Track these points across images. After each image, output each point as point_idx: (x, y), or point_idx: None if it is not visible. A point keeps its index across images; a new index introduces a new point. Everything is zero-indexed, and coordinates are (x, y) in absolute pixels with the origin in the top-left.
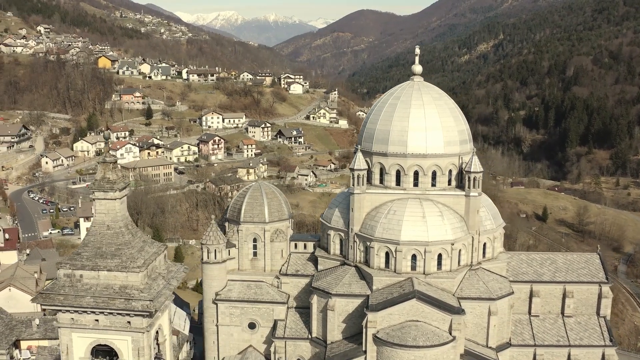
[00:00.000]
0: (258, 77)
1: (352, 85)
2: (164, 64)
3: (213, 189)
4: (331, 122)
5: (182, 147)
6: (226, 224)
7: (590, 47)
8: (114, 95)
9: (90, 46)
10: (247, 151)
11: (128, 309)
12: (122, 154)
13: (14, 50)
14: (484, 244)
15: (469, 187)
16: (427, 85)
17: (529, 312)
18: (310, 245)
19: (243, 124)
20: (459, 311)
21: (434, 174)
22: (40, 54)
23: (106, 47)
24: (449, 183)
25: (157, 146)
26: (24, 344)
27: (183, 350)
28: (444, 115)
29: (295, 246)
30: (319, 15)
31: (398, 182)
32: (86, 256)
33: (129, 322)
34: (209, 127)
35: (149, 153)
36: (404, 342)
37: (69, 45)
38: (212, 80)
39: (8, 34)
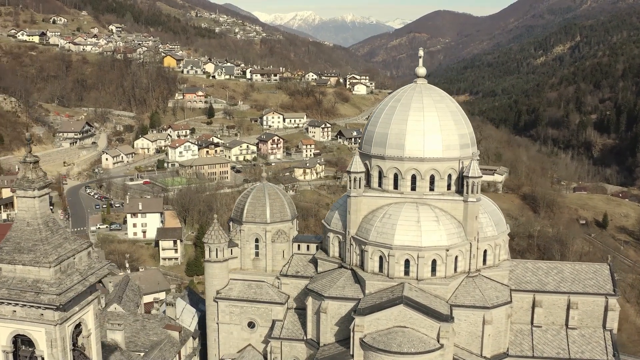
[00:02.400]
0: (323, 78)
1: None
2: (228, 64)
3: None
4: None
5: (241, 146)
6: (230, 224)
7: None
8: (177, 94)
9: (160, 45)
10: (306, 151)
11: (36, 301)
12: (180, 152)
13: (83, 49)
14: (485, 251)
15: (467, 193)
16: (430, 87)
17: (532, 323)
18: (313, 246)
19: (303, 124)
20: (447, 319)
21: (432, 178)
22: (108, 53)
23: (176, 47)
24: (449, 188)
25: (216, 145)
26: None
27: (187, 345)
28: (444, 119)
29: (299, 247)
30: (397, 16)
31: (396, 186)
32: (6, 250)
33: (42, 315)
34: (270, 126)
35: (207, 151)
36: (388, 347)
37: (139, 44)
38: (275, 80)
39: (80, 33)
